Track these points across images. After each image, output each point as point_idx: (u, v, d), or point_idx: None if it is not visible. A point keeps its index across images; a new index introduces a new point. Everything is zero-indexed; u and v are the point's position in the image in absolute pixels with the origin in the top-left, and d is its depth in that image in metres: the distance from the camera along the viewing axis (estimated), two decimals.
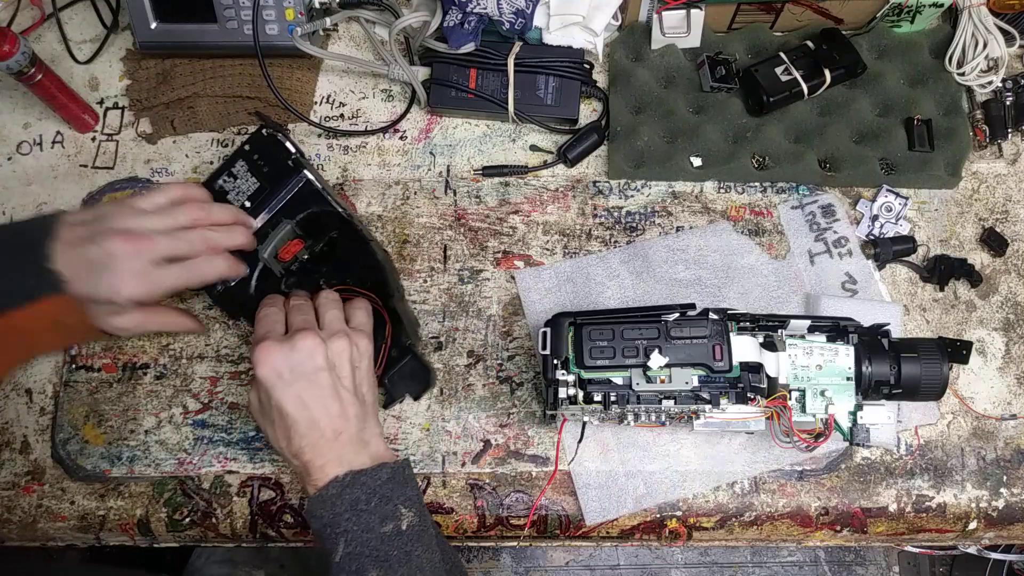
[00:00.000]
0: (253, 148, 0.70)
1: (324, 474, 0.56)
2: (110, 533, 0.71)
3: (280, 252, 0.70)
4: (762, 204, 0.77)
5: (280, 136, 0.70)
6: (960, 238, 0.76)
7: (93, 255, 0.58)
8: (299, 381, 0.57)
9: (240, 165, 0.70)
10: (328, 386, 0.57)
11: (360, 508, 0.55)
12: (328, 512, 0.55)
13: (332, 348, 0.58)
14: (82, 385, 0.73)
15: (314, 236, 0.71)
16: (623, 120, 0.77)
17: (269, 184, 0.69)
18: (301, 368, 0.57)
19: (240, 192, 0.70)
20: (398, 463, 0.59)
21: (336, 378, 0.58)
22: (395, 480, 0.58)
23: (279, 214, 0.70)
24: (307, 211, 0.70)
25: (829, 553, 1.45)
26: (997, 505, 0.69)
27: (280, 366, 0.57)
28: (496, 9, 0.74)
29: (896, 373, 0.60)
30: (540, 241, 0.76)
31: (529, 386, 0.72)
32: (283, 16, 0.76)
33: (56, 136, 0.81)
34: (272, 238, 0.69)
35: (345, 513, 0.55)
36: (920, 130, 0.75)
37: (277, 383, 0.56)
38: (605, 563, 1.45)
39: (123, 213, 0.61)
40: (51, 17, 0.83)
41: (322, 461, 0.57)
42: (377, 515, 0.55)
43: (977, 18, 0.76)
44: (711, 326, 0.59)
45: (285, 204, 0.70)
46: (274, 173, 0.70)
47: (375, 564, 0.54)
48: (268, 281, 0.69)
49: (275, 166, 0.70)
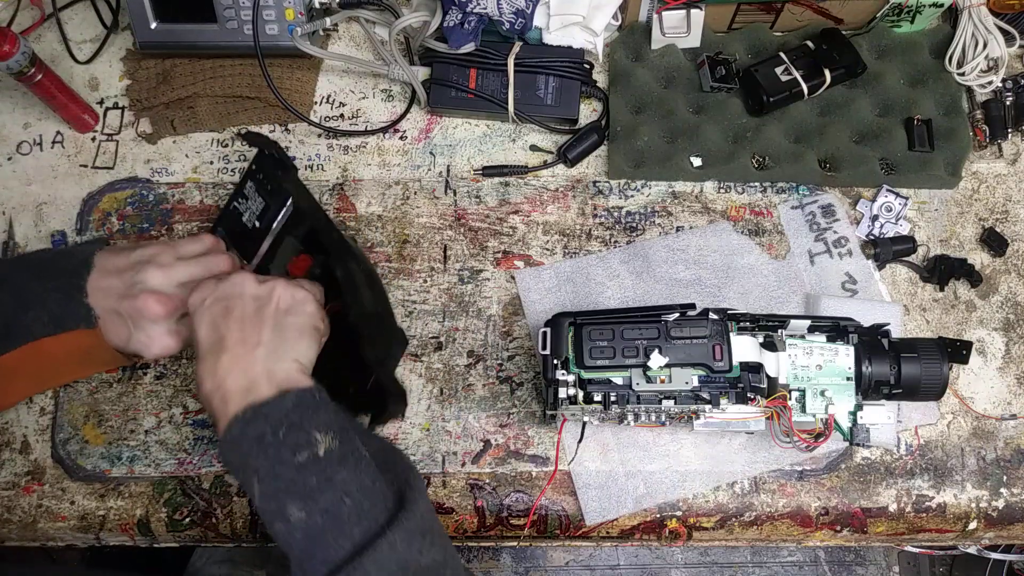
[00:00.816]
0: (259, 167, 0.70)
1: (226, 411, 0.52)
2: (110, 533, 0.71)
3: (289, 268, 0.69)
4: (762, 204, 0.77)
5: (277, 154, 0.69)
6: (960, 238, 0.76)
7: (125, 310, 0.59)
8: (218, 305, 0.55)
9: (249, 186, 0.70)
10: (246, 313, 0.55)
11: (267, 442, 0.50)
12: (235, 454, 0.51)
13: (265, 286, 0.57)
14: (82, 385, 0.73)
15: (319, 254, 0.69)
16: (623, 120, 0.77)
17: (273, 203, 0.69)
18: (224, 296, 0.56)
19: (251, 213, 0.70)
20: (306, 388, 0.53)
21: (257, 308, 0.55)
22: (303, 406, 0.52)
23: (284, 232, 0.69)
24: (307, 228, 0.68)
25: (829, 553, 1.44)
26: (997, 505, 0.69)
27: (206, 293, 0.56)
28: (496, 9, 0.74)
29: (896, 373, 0.60)
30: (540, 241, 0.76)
31: (529, 386, 0.72)
32: (283, 16, 0.76)
33: (56, 136, 0.81)
34: (280, 255, 0.69)
35: (252, 451, 0.50)
36: (920, 130, 0.75)
37: (198, 309, 0.56)
38: (605, 563, 1.45)
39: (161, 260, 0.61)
40: (51, 17, 0.83)
41: (222, 393, 0.52)
42: (288, 446, 0.50)
43: (977, 18, 0.76)
44: (711, 326, 0.59)
45: (288, 221, 0.69)
46: (277, 191, 0.69)
47: (294, 497, 0.49)
48: None
49: (278, 184, 0.69)
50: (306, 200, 0.69)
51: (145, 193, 0.78)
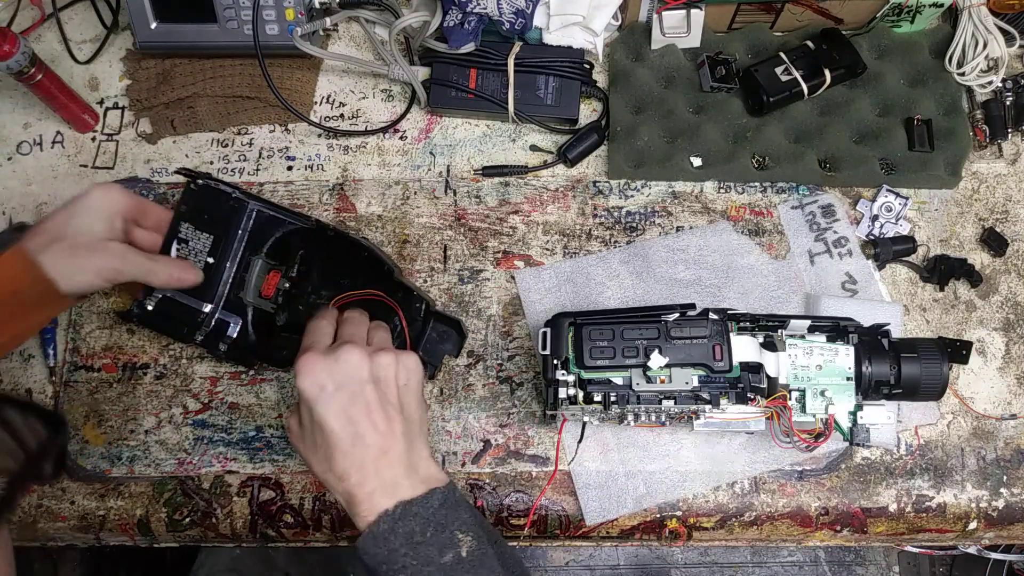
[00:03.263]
0: (191, 206, 0.68)
1: (372, 504, 0.52)
2: (110, 533, 0.71)
3: (262, 290, 0.69)
4: (762, 204, 0.77)
5: (212, 182, 0.68)
6: (960, 238, 0.76)
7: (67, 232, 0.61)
8: (343, 393, 0.53)
9: (186, 228, 0.68)
10: (374, 400, 0.54)
11: (416, 541, 0.51)
12: (382, 549, 0.51)
13: (377, 362, 0.55)
14: (82, 385, 0.73)
15: (287, 261, 0.70)
16: (623, 120, 0.77)
17: (222, 232, 0.68)
18: (346, 380, 0.54)
19: (198, 253, 0.68)
20: (447, 486, 0.55)
21: (382, 393, 0.55)
22: (447, 505, 0.54)
23: (245, 254, 0.69)
24: (271, 239, 0.69)
25: (829, 553, 1.44)
26: (997, 505, 0.69)
27: (323, 378, 0.53)
28: (496, 9, 0.74)
29: (896, 373, 0.60)
30: (540, 241, 0.76)
31: (529, 386, 0.72)
32: (283, 16, 0.76)
33: (56, 136, 0.81)
34: (249, 280, 0.69)
35: (401, 548, 0.51)
36: (920, 130, 0.75)
37: (320, 396, 0.53)
38: (605, 563, 1.45)
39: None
40: (51, 17, 0.83)
41: (370, 487, 0.53)
42: (435, 546, 0.52)
43: (977, 18, 0.76)
44: (711, 326, 0.59)
45: (247, 242, 0.69)
46: (222, 218, 0.68)
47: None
48: (263, 324, 0.70)
49: (220, 211, 0.68)
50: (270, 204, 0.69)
51: (145, 193, 0.78)
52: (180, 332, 0.70)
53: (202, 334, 0.69)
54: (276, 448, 0.71)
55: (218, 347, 0.69)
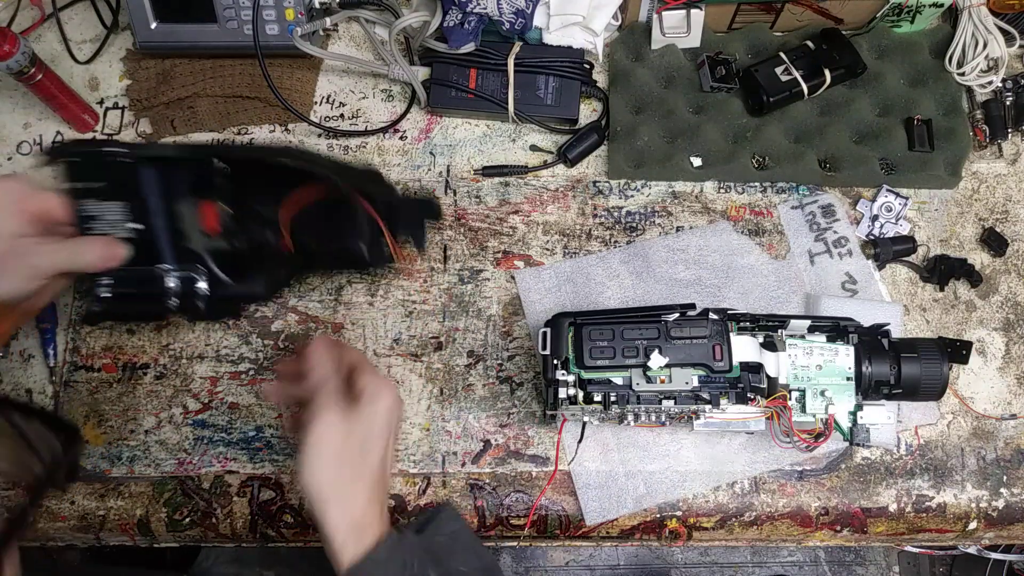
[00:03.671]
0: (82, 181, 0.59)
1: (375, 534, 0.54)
2: (110, 533, 0.71)
3: (207, 229, 0.61)
4: (762, 204, 0.77)
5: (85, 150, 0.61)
6: (960, 238, 0.76)
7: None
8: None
9: (89, 204, 0.60)
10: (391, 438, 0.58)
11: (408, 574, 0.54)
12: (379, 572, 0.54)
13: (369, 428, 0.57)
14: (82, 385, 0.73)
15: (216, 191, 0.62)
16: (623, 120, 0.77)
17: (131, 195, 0.60)
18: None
19: (117, 223, 0.60)
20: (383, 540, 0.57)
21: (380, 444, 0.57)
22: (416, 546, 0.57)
23: (167, 205, 0.61)
24: (183, 184, 0.61)
25: (829, 553, 1.45)
26: (997, 505, 0.69)
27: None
28: (496, 9, 0.74)
29: (896, 373, 0.60)
30: (540, 241, 0.76)
31: (529, 386, 0.72)
32: (283, 16, 0.76)
33: (56, 136, 0.81)
34: (187, 224, 0.61)
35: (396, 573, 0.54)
36: (920, 130, 0.76)
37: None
38: (605, 563, 1.45)
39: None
40: (51, 17, 0.83)
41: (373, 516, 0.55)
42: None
43: (977, 18, 0.76)
44: (711, 326, 0.59)
45: (162, 195, 0.61)
46: (122, 182, 0.60)
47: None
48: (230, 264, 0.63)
49: (116, 176, 0.60)
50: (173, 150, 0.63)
51: None
52: (152, 308, 0.63)
53: (174, 299, 0.62)
54: (276, 448, 0.71)
55: (198, 308, 0.62)
